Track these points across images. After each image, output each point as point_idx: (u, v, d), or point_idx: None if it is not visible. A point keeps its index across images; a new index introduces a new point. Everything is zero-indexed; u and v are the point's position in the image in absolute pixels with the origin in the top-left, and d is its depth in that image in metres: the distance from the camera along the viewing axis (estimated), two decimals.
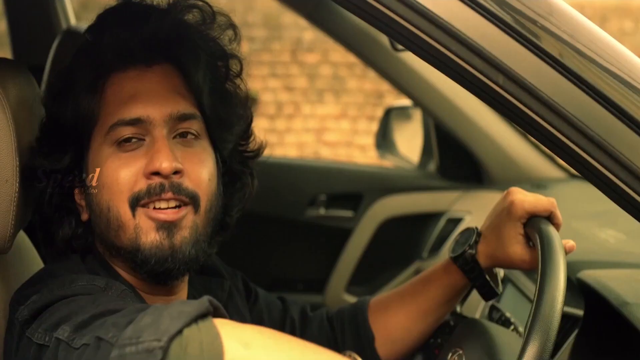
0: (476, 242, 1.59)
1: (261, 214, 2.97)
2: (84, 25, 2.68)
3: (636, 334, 1.42)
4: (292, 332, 1.68)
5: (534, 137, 1.24)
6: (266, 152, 1.65)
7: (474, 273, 1.59)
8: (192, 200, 1.38)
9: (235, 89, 1.50)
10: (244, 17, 8.21)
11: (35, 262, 1.56)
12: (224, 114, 1.47)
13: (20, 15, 2.94)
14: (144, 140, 1.38)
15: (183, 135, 1.40)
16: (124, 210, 1.36)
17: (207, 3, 1.46)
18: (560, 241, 1.39)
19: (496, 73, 1.19)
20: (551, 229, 1.43)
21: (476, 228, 1.61)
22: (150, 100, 1.38)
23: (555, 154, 1.25)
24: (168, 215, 1.36)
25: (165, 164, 1.34)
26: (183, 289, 1.48)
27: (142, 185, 1.36)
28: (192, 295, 1.51)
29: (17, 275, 1.47)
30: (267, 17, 8.28)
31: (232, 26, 1.48)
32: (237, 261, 1.75)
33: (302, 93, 8.32)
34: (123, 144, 1.37)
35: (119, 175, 1.36)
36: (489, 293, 1.62)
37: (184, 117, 1.39)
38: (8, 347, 1.33)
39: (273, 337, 1.09)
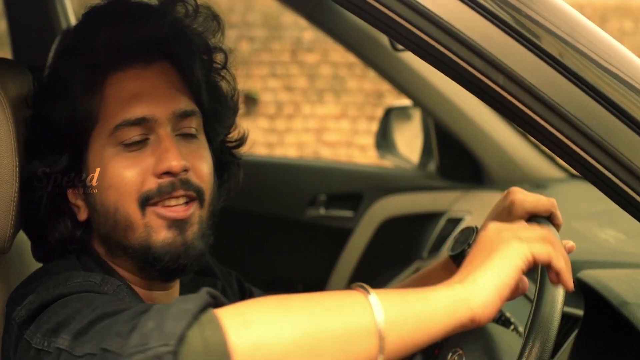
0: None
1: (261, 214, 2.97)
2: None
3: (636, 334, 1.42)
4: None
5: (534, 137, 1.24)
6: (266, 152, 1.66)
7: None
8: (198, 195, 1.39)
9: (225, 83, 1.52)
10: (244, 17, 8.21)
11: (35, 262, 1.56)
12: (219, 108, 1.48)
13: (20, 15, 2.94)
14: (148, 139, 1.38)
15: (183, 133, 1.41)
16: (133, 210, 1.36)
17: None
18: (562, 243, 1.39)
19: (496, 73, 1.19)
20: (553, 230, 1.43)
21: (476, 227, 1.61)
22: (153, 99, 1.38)
23: (555, 154, 1.25)
24: (179, 213, 1.37)
25: (175, 163, 1.35)
26: (176, 284, 1.48)
27: (151, 184, 1.36)
28: (185, 293, 1.52)
29: (17, 275, 1.47)
30: (267, 17, 8.28)
31: (215, 17, 1.49)
32: (237, 261, 1.76)
33: (302, 93, 8.32)
34: (127, 143, 1.37)
35: (126, 175, 1.36)
36: None
37: (185, 114, 1.40)
38: (6, 348, 1.32)
39: (274, 308, 1.07)
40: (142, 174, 1.36)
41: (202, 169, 1.41)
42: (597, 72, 1.21)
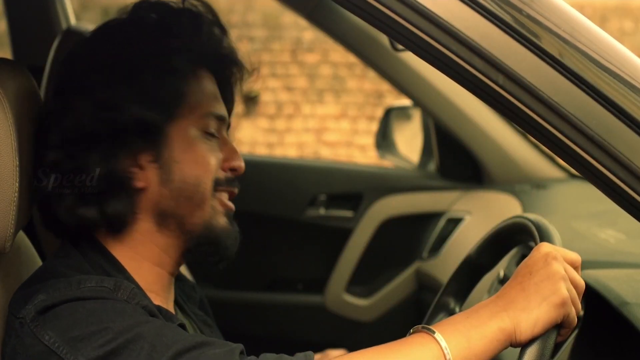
0: None
1: (261, 214, 2.97)
2: (83, 25, 2.69)
3: (636, 334, 1.42)
4: None
5: (534, 137, 1.24)
6: (266, 152, 1.73)
7: None
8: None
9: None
10: (244, 17, 8.22)
11: (35, 262, 1.56)
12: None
13: (20, 15, 2.94)
14: (216, 136, 1.49)
15: None
16: (209, 189, 1.45)
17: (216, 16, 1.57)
18: (561, 242, 1.39)
19: (496, 73, 1.19)
20: (550, 226, 1.43)
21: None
22: (222, 103, 1.53)
23: (555, 154, 1.25)
24: (231, 205, 1.50)
25: (243, 164, 1.50)
26: (173, 281, 1.51)
27: (221, 174, 1.47)
28: (176, 291, 1.55)
29: (17, 275, 1.47)
30: (267, 17, 8.29)
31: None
32: (236, 261, 1.75)
33: (302, 93, 8.32)
34: (207, 133, 1.47)
35: (210, 157, 1.46)
36: None
37: (229, 126, 1.55)
38: (9, 348, 1.32)
39: None
40: (217, 162, 1.47)
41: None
42: (597, 72, 1.21)
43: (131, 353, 1.22)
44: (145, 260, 1.44)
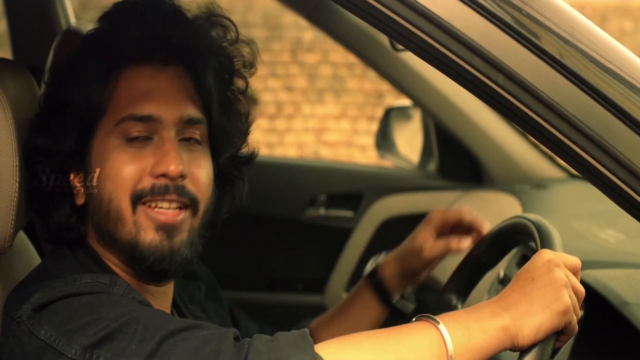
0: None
1: (261, 214, 2.96)
2: (84, 25, 2.68)
3: (636, 334, 1.42)
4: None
5: (534, 137, 1.24)
6: (266, 152, 1.68)
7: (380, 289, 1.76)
8: (192, 203, 1.40)
9: (240, 105, 1.54)
10: (244, 17, 8.21)
11: (35, 262, 1.56)
12: (226, 124, 1.49)
13: (20, 15, 2.94)
14: (151, 138, 1.39)
15: (187, 139, 1.42)
16: (125, 205, 1.37)
17: (234, 25, 1.51)
18: (561, 242, 1.39)
19: (496, 73, 1.19)
20: (550, 227, 1.43)
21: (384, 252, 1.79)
22: (162, 100, 1.39)
23: (555, 154, 1.25)
24: (168, 217, 1.38)
25: (173, 167, 1.36)
26: (170, 285, 1.49)
27: (146, 183, 1.37)
28: (176, 293, 1.54)
29: (17, 275, 1.47)
30: (267, 17, 8.28)
31: (254, 58, 1.56)
32: (236, 261, 1.76)
33: (302, 93, 8.32)
34: (130, 138, 1.39)
35: (124, 169, 1.37)
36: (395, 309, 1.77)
37: (192, 122, 1.42)
38: (6, 349, 1.32)
39: (368, 348, 1.21)
40: (140, 171, 1.38)
41: (200, 178, 1.42)
42: (597, 72, 1.21)
43: (125, 337, 1.21)
44: (118, 269, 1.43)
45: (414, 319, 1.26)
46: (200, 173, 1.42)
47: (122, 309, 1.25)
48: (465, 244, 1.71)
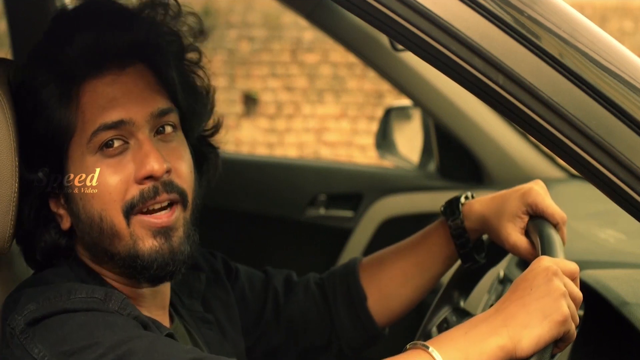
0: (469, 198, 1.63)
1: (261, 214, 2.97)
2: None
3: (636, 334, 1.42)
4: (275, 301, 1.69)
5: (534, 137, 1.24)
6: (266, 152, 1.67)
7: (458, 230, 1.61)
8: (181, 196, 1.39)
9: (199, 80, 1.51)
10: (244, 17, 8.21)
11: None
12: (195, 105, 1.47)
13: (20, 15, 2.94)
14: (128, 144, 1.36)
15: (161, 130, 1.40)
16: (118, 220, 1.35)
17: None
18: (562, 244, 1.39)
19: (496, 73, 1.19)
20: (553, 232, 1.43)
21: (469, 195, 1.65)
22: (129, 102, 1.37)
23: (555, 154, 1.25)
24: (162, 220, 1.37)
25: (156, 166, 1.34)
26: (166, 284, 1.48)
27: (134, 191, 1.35)
28: (172, 290, 1.52)
29: (17, 276, 1.47)
30: (267, 17, 8.28)
31: (194, 14, 1.48)
32: (236, 261, 1.75)
33: (302, 93, 8.32)
34: (106, 149, 1.35)
35: (109, 182, 1.35)
36: (466, 256, 1.63)
37: (163, 113, 1.39)
38: (2, 357, 1.32)
39: None
40: (125, 181, 1.35)
41: (183, 169, 1.40)
42: (597, 72, 1.21)
43: None
44: (112, 280, 1.42)
45: (407, 346, 1.24)
46: (182, 164, 1.40)
47: (119, 334, 1.24)
48: None
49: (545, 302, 1.23)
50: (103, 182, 1.35)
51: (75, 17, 1.42)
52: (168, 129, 1.40)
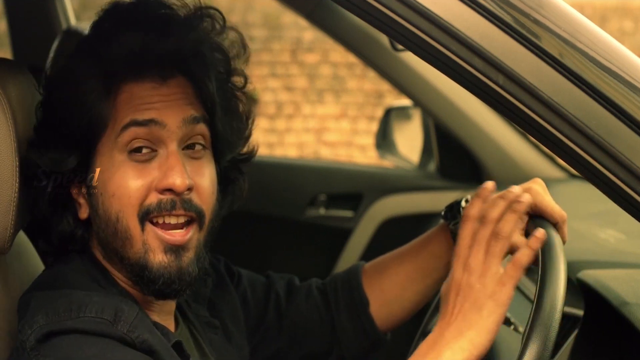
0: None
1: (261, 214, 2.97)
2: (84, 25, 2.68)
3: (636, 334, 1.42)
4: (277, 306, 1.68)
5: (534, 137, 1.24)
6: (266, 152, 1.66)
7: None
8: (198, 216, 1.38)
9: (240, 105, 1.51)
10: (244, 17, 8.21)
11: (35, 262, 1.56)
12: (229, 128, 1.46)
13: (20, 15, 2.94)
14: (156, 152, 1.37)
15: (191, 146, 1.40)
16: (134, 224, 1.36)
17: (218, 12, 1.46)
18: (562, 243, 1.39)
19: (496, 73, 1.19)
20: (553, 231, 1.43)
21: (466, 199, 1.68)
22: (163, 107, 1.37)
23: (555, 154, 1.25)
24: (176, 238, 1.36)
25: (178, 182, 1.34)
26: None
27: (153, 199, 1.35)
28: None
29: (17, 275, 1.47)
30: (267, 17, 8.28)
31: (243, 42, 1.49)
32: (236, 261, 1.75)
33: (302, 93, 8.32)
34: (134, 154, 1.36)
35: (130, 186, 1.35)
36: None
37: (196, 120, 1.38)
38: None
39: None
40: (147, 187, 1.35)
41: (206, 188, 1.39)
42: (597, 72, 1.21)
43: None
44: (124, 284, 1.42)
45: None
46: (205, 183, 1.39)
47: None
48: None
49: (475, 296, 1.32)
50: (126, 184, 1.35)
51: (126, 13, 1.41)
52: (198, 147, 1.40)
